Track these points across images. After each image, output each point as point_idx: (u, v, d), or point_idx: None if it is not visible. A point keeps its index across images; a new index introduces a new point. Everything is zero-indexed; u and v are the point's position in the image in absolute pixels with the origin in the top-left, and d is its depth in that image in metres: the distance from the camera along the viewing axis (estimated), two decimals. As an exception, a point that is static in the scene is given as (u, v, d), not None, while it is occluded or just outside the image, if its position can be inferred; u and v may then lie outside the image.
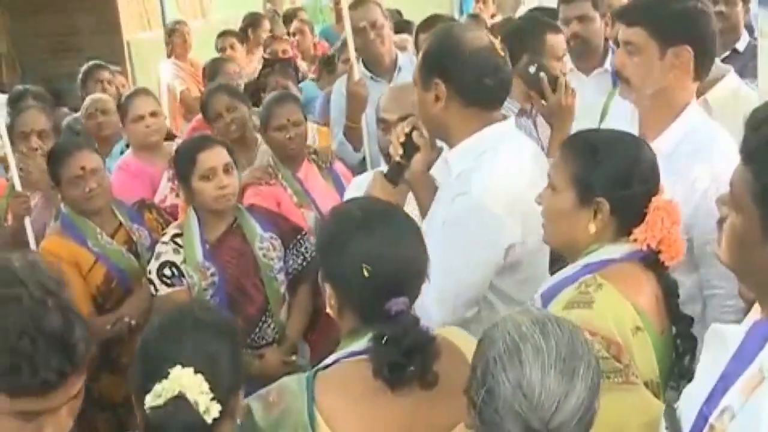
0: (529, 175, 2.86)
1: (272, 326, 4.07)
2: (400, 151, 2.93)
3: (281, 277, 4.08)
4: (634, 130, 3.00)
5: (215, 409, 2.01)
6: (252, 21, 9.31)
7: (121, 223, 4.28)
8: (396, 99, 3.52)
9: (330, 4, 10.89)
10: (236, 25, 9.49)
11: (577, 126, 3.45)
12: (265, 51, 8.17)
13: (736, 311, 2.70)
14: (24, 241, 4.41)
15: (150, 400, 2.02)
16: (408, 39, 6.20)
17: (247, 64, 8.09)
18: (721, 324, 1.97)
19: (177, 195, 4.75)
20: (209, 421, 2.01)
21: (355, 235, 2.23)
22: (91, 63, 6.75)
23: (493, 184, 2.79)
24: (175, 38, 8.67)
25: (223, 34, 8.32)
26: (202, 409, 2.00)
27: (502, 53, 2.87)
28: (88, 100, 5.77)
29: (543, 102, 3.67)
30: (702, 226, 2.82)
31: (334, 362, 2.26)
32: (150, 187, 4.93)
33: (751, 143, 1.77)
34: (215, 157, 3.96)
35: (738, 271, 1.90)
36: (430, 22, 5.05)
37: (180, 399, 2.00)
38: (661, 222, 2.44)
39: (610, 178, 2.47)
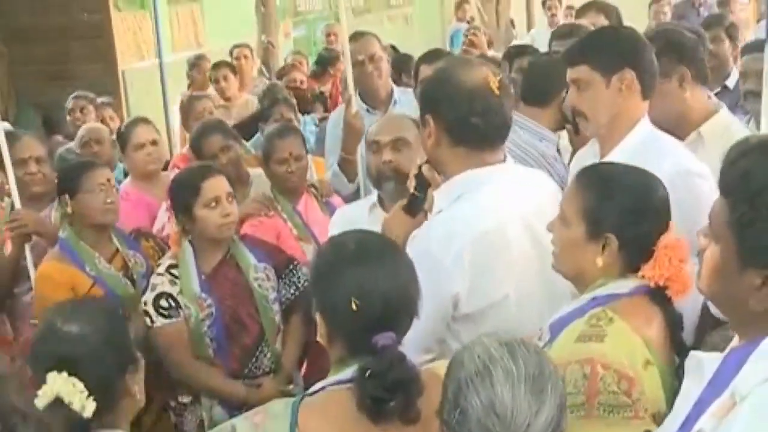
0: (507, 221, 2.82)
1: (268, 356, 4.06)
2: (413, 184, 2.93)
3: (276, 307, 4.08)
4: (596, 156, 3.19)
5: (90, 407, 2.23)
6: (237, 54, 9.38)
7: (117, 250, 4.30)
8: (387, 122, 3.66)
9: (323, 37, 10.99)
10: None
11: None
12: (280, 80, 8.24)
13: None
14: (24, 267, 4.45)
15: (38, 404, 2.19)
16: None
17: (239, 96, 8.14)
18: (700, 351, 2.03)
19: (176, 224, 4.85)
20: (88, 416, 2.24)
21: (346, 268, 2.26)
22: (74, 94, 6.92)
23: (446, 230, 2.76)
24: (195, 72, 8.92)
25: (217, 66, 8.40)
26: (77, 408, 2.22)
27: (498, 93, 2.80)
28: (82, 129, 5.85)
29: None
30: None
31: (320, 389, 2.29)
32: (148, 216, 4.97)
33: (728, 176, 1.86)
34: (219, 185, 3.98)
35: (716, 301, 1.97)
36: (432, 54, 5.11)
37: (57, 402, 2.22)
38: (669, 260, 2.47)
39: (620, 214, 2.50)
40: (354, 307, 2.18)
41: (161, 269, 4.01)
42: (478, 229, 2.76)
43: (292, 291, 4.15)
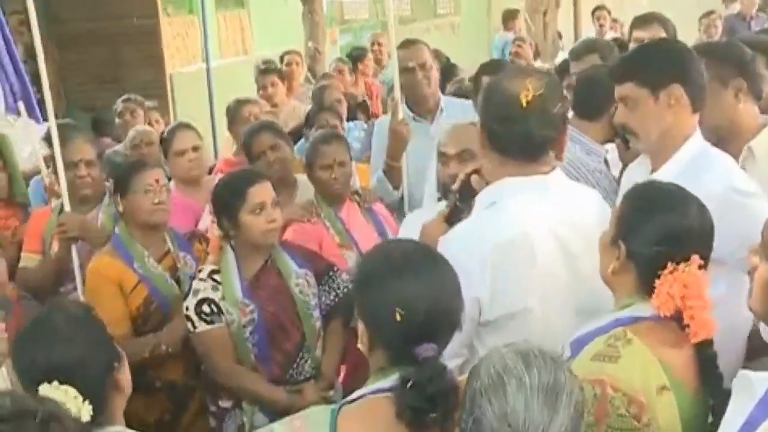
0: (534, 232, 2.81)
1: (309, 362, 4.06)
2: (457, 194, 2.96)
3: (317, 313, 4.08)
4: (648, 171, 3.16)
5: (87, 410, 2.29)
6: (289, 60, 9.44)
7: (169, 250, 4.34)
8: (455, 134, 3.59)
9: (369, 45, 11.02)
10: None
11: None
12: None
13: None
14: (69, 269, 4.51)
15: None
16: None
17: (286, 102, 8.18)
18: (750, 371, 1.99)
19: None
20: (86, 419, 2.28)
21: (391, 277, 2.25)
22: (123, 96, 6.93)
23: (472, 235, 2.80)
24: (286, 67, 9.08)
25: (265, 72, 8.44)
26: (74, 413, 2.25)
27: (526, 105, 2.78)
28: (132, 131, 5.89)
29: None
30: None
31: (360, 397, 2.28)
32: (192, 219, 4.97)
33: None
34: (264, 191, 3.98)
35: None
36: (493, 65, 5.08)
37: None
38: (670, 292, 2.39)
39: (634, 225, 2.51)
40: (398, 317, 2.18)
41: (203, 274, 4.01)
42: (502, 237, 2.77)
43: (331, 297, 4.15)
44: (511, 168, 2.85)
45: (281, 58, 9.51)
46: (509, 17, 13.87)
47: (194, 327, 3.94)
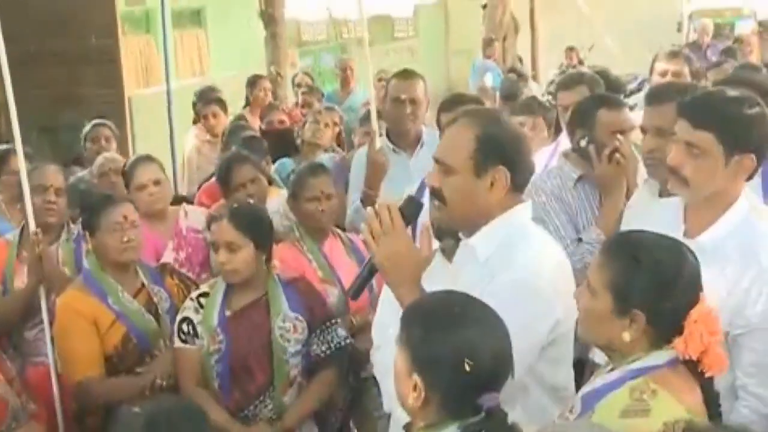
0: (558, 254, 2.90)
1: (270, 407, 3.97)
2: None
3: (294, 360, 3.99)
4: (679, 227, 2.98)
5: None
6: (251, 82, 9.30)
7: (143, 284, 4.23)
8: None
9: (336, 71, 10.94)
10: (235, 84, 9.52)
11: None
12: (261, 121, 8.12)
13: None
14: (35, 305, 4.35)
15: None
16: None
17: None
18: None
19: (180, 266, 4.73)
20: None
21: (455, 328, 2.25)
22: (93, 122, 6.72)
23: (536, 261, 2.76)
24: (255, 90, 8.98)
25: (207, 102, 8.21)
26: None
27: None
28: (101, 158, 5.69)
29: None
30: (741, 319, 2.82)
31: None
32: (153, 254, 4.79)
33: None
34: (221, 231, 3.96)
35: None
36: (455, 100, 4.96)
37: None
38: (701, 335, 2.39)
39: (648, 290, 2.43)
40: (467, 367, 2.18)
41: (194, 294, 4.08)
42: (555, 258, 2.86)
43: (323, 348, 4.05)
44: (514, 202, 2.84)
45: (252, 82, 9.29)
46: (488, 44, 14.63)
47: (173, 343, 4.03)
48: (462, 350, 2.20)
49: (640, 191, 3.80)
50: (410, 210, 2.81)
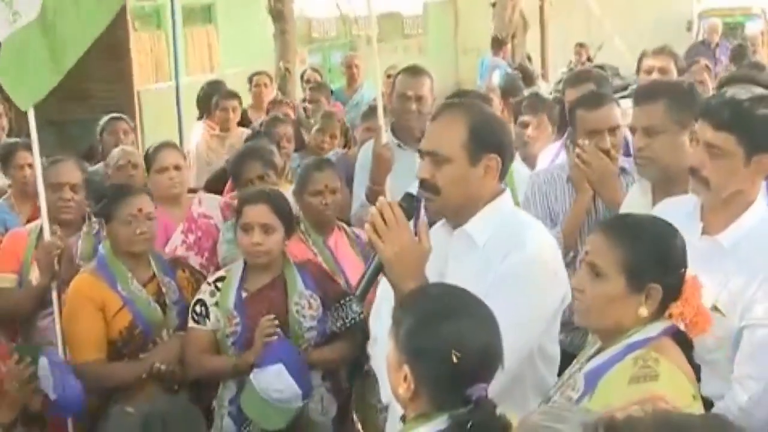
0: (549, 234, 3.10)
1: None
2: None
3: (309, 334, 4.10)
4: (696, 225, 3.03)
5: None
6: (257, 81, 9.33)
7: (154, 274, 4.29)
8: None
9: (342, 67, 10.95)
10: (244, 80, 9.55)
11: None
12: (267, 114, 8.16)
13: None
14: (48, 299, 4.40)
15: None
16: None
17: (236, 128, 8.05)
18: None
19: (187, 249, 4.82)
20: None
21: (444, 320, 2.28)
22: (110, 115, 6.72)
23: (544, 240, 2.92)
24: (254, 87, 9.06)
25: (228, 96, 8.19)
26: None
27: None
28: (119, 151, 5.70)
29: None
30: (754, 312, 2.86)
31: None
32: (164, 237, 4.85)
33: None
34: (255, 213, 4.09)
35: None
36: (459, 96, 5.00)
37: None
38: (693, 297, 2.53)
39: (660, 262, 2.53)
40: (455, 358, 2.20)
41: (211, 278, 4.23)
42: (553, 238, 3.03)
43: (338, 324, 4.17)
44: (499, 186, 2.98)
45: (250, 79, 9.39)
46: (497, 43, 14.62)
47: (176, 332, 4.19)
48: (450, 342, 2.22)
49: (632, 191, 3.83)
50: (410, 205, 2.85)
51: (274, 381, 3.87)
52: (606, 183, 4.00)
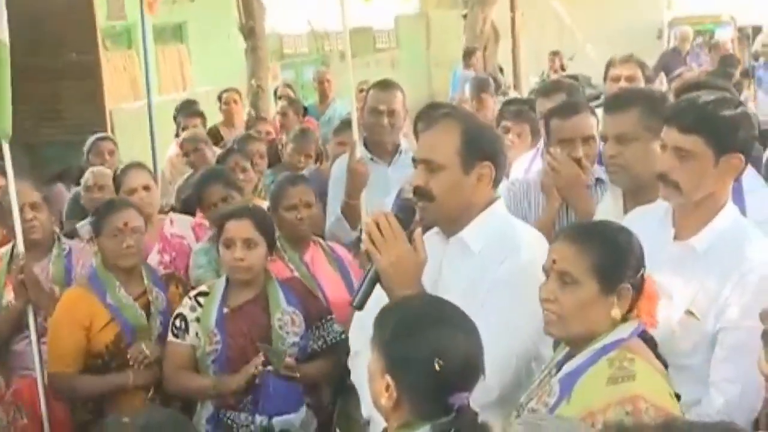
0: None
1: None
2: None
3: (291, 351, 4.07)
4: (668, 231, 3.04)
5: None
6: (226, 99, 9.27)
7: (145, 290, 4.31)
8: None
9: (314, 83, 10.95)
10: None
11: None
12: (248, 130, 8.16)
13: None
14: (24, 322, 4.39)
15: None
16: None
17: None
18: None
19: (165, 268, 4.80)
20: None
21: (426, 329, 2.29)
22: (96, 135, 6.78)
23: (538, 245, 2.91)
24: (224, 105, 9.05)
25: (189, 114, 8.26)
26: None
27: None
28: (87, 173, 5.76)
29: None
30: (729, 315, 2.87)
31: None
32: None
33: None
34: (237, 229, 4.08)
35: None
36: (432, 109, 4.96)
37: None
38: (652, 296, 2.59)
39: (628, 264, 2.57)
40: (437, 367, 2.21)
41: (193, 293, 4.19)
42: (544, 244, 2.95)
43: (319, 343, 4.17)
44: (493, 194, 3.04)
45: (219, 97, 9.36)
46: (468, 55, 14.62)
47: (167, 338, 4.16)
48: (432, 350, 2.24)
49: (604, 200, 3.85)
50: (407, 216, 2.89)
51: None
52: (575, 192, 4.01)
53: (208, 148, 6.82)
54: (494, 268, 2.88)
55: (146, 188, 5.14)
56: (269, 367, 3.92)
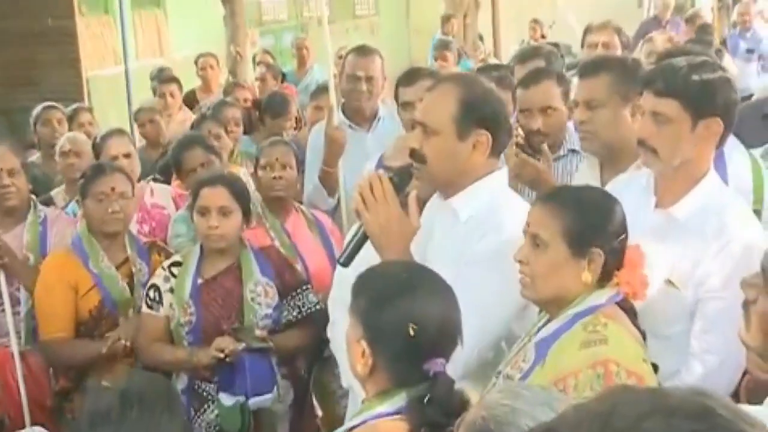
0: None
1: None
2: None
3: (263, 323, 4.05)
4: (650, 199, 3.02)
5: None
6: (203, 64, 9.23)
7: (128, 258, 4.29)
8: (402, 149, 3.46)
9: (293, 50, 10.87)
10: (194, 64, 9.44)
11: None
12: (226, 97, 8.09)
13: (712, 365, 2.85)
14: None
15: None
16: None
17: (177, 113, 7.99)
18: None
19: (143, 237, 4.75)
20: None
21: (403, 295, 2.28)
22: (43, 104, 6.64)
23: (522, 221, 2.81)
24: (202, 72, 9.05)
25: (166, 80, 8.22)
26: None
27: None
28: (64, 138, 5.66)
29: None
30: (709, 285, 2.86)
31: (360, 423, 2.27)
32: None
33: None
34: (212, 196, 4.04)
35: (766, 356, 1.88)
36: (412, 74, 4.91)
37: None
38: (637, 265, 2.58)
39: (601, 228, 2.57)
40: (411, 332, 2.21)
41: (166, 263, 4.14)
42: None
43: (294, 314, 4.15)
44: (494, 165, 2.98)
45: (196, 62, 9.30)
46: (446, 21, 14.60)
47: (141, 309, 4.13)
48: (407, 315, 2.23)
49: (581, 168, 3.83)
50: (401, 180, 2.88)
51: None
52: (537, 185, 3.90)
53: (162, 120, 6.84)
54: (475, 240, 2.85)
55: (127, 156, 5.08)
56: (242, 345, 3.90)
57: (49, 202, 5.07)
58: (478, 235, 2.86)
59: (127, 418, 2.18)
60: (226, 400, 3.90)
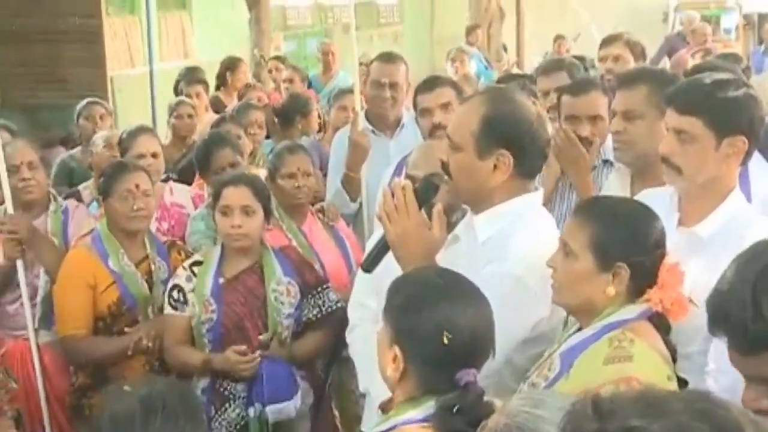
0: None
1: None
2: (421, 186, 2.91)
3: (287, 322, 4.08)
4: (673, 216, 2.97)
5: None
6: (230, 65, 9.23)
7: (147, 255, 4.30)
8: (425, 157, 3.46)
9: (318, 55, 10.89)
10: (218, 67, 9.44)
11: None
12: (240, 99, 8.12)
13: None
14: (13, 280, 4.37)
15: None
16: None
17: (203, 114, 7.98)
18: None
19: (162, 235, 4.76)
20: None
21: (439, 301, 2.27)
22: (87, 99, 6.65)
23: (531, 255, 2.77)
24: (229, 75, 9.02)
25: (190, 82, 8.17)
26: None
27: (539, 126, 2.89)
28: (98, 136, 5.64)
29: None
30: None
31: (390, 428, 2.26)
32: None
33: None
34: (234, 196, 4.05)
35: None
36: (431, 82, 4.91)
37: None
38: (673, 285, 2.55)
39: (629, 243, 2.56)
40: (445, 340, 2.20)
41: (187, 263, 4.15)
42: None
43: (314, 312, 4.16)
44: (523, 187, 2.89)
45: (232, 65, 9.26)
46: (471, 31, 14.66)
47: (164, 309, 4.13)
48: (442, 323, 2.22)
49: (611, 178, 3.82)
50: (425, 191, 2.83)
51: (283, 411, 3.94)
52: (575, 170, 3.95)
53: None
54: (481, 266, 2.77)
55: (154, 155, 5.06)
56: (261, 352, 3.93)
57: (75, 196, 5.08)
58: (484, 261, 2.79)
59: (150, 425, 2.17)
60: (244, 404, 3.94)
